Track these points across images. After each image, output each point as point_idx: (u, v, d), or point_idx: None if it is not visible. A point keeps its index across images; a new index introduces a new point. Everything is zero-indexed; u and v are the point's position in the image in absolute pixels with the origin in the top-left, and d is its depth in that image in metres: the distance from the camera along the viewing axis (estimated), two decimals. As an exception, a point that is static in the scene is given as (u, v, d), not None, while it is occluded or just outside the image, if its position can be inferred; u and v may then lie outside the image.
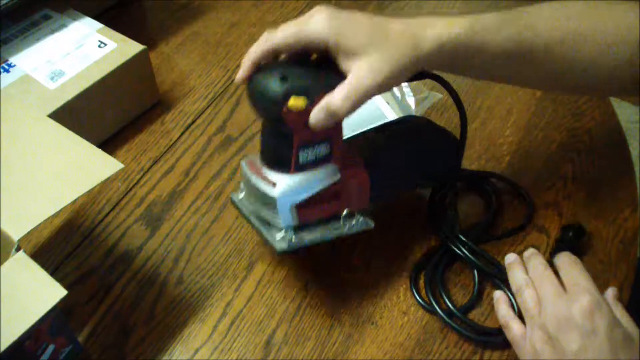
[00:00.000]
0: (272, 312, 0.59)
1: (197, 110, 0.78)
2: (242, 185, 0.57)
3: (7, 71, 0.70)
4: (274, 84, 0.48)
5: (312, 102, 0.48)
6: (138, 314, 0.59)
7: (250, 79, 0.51)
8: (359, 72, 0.48)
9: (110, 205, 0.68)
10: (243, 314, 0.59)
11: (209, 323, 0.58)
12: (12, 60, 0.71)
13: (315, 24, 0.49)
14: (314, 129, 0.49)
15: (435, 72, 0.57)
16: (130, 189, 0.69)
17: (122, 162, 0.52)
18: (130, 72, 0.72)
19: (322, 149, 0.52)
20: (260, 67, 0.51)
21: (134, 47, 0.72)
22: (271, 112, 0.49)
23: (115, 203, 0.68)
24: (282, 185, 0.52)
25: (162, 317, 0.58)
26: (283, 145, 0.51)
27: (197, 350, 0.56)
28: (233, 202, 0.59)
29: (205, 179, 0.70)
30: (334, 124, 0.50)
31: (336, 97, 0.48)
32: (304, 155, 0.52)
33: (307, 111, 0.49)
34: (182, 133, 0.75)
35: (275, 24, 0.88)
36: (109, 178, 0.50)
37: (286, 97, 0.48)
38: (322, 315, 0.58)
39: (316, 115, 0.49)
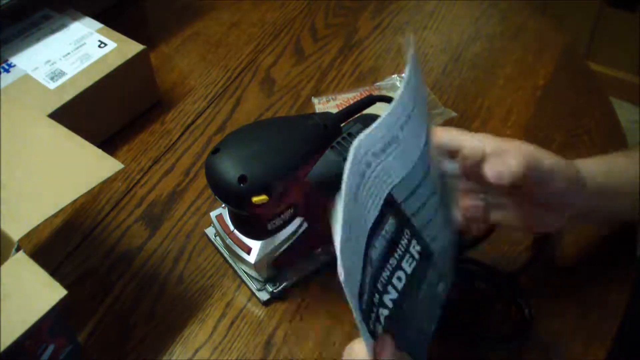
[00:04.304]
0: (272, 312, 0.59)
1: (197, 110, 0.78)
2: (213, 218, 0.59)
3: (7, 71, 0.70)
4: (234, 187, 0.48)
5: (274, 194, 0.49)
6: (138, 314, 0.59)
7: (208, 170, 0.51)
8: None
9: (110, 205, 0.68)
10: (243, 314, 0.59)
11: (209, 323, 0.58)
12: (12, 60, 0.71)
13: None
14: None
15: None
16: (130, 189, 0.69)
17: (122, 162, 0.52)
18: (130, 72, 0.72)
19: (288, 214, 0.55)
20: (218, 149, 0.50)
21: (134, 47, 0.72)
22: (235, 207, 0.51)
23: (115, 203, 0.68)
24: (257, 250, 0.56)
25: (162, 317, 0.58)
26: (251, 220, 0.54)
27: (197, 350, 0.56)
28: (208, 238, 0.63)
29: (205, 179, 0.70)
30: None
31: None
32: (272, 224, 0.54)
33: (271, 201, 0.49)
34: (182, 133, 0.75)
35: (275, 24, 0.89)
36: (109, 178, 0.51)
37: (248, 198, 0.49)
38: (322, 315, 0.58)
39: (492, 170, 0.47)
